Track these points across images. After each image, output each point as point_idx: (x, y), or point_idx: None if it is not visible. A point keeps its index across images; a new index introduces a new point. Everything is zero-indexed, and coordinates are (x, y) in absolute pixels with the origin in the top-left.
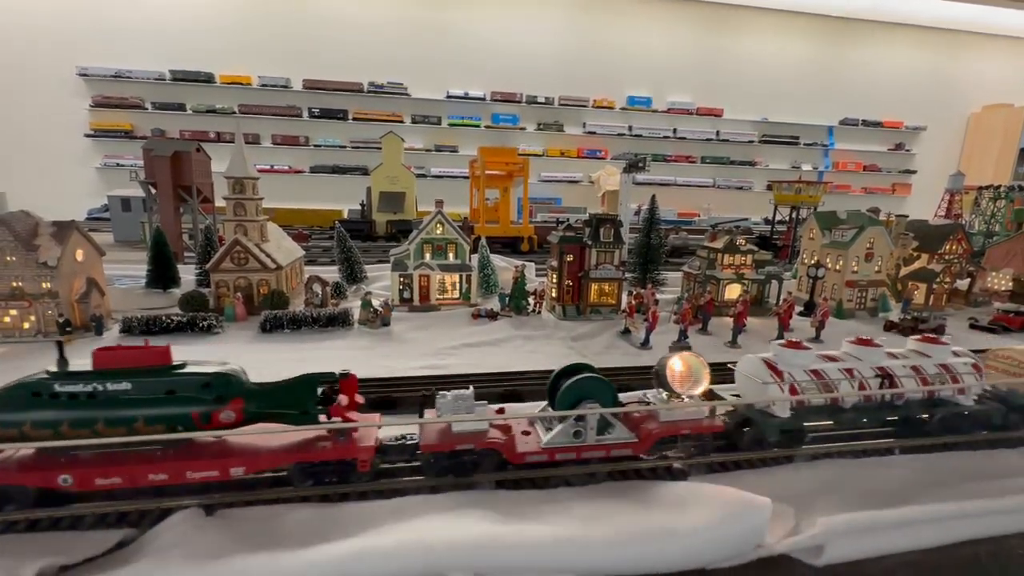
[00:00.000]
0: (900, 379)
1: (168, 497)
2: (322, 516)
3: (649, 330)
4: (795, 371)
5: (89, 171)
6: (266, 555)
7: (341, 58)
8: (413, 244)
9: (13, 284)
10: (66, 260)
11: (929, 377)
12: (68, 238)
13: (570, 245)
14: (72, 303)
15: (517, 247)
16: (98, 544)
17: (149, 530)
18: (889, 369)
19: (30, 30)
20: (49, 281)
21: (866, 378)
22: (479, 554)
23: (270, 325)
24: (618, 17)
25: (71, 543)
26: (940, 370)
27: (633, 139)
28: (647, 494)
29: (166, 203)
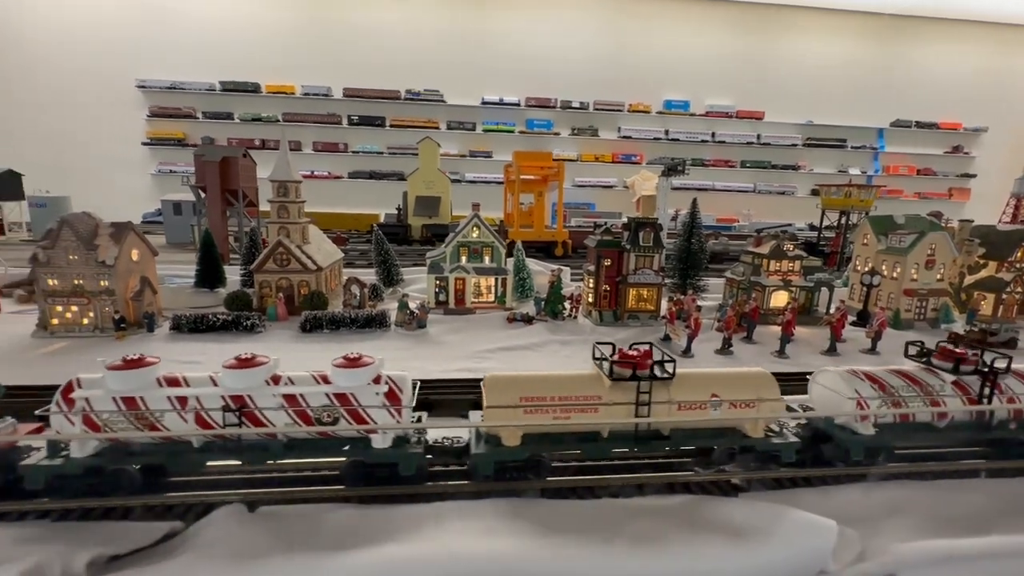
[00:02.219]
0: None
1: (213, 492)
2: (362, 517)
3: (691, 337)
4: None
5: (145, 177)
6: (306, 556)
7: (380, 67)
8: (449, 247)
9: (75, 281)
10: (123, 259)
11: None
12: (125, 238)
13: (608, 249)
14: (127, 301)
15: (551, 252)
16: (146, 535)
17: (194, 524)
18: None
19: (94, 47)
20: (107, 279)
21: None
22: (519, 569)
23: (310, 325)
24: (655, 21)
25: (121, 533)
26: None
27: (670, 143)
28: (700, 510)
29: (214, 206)
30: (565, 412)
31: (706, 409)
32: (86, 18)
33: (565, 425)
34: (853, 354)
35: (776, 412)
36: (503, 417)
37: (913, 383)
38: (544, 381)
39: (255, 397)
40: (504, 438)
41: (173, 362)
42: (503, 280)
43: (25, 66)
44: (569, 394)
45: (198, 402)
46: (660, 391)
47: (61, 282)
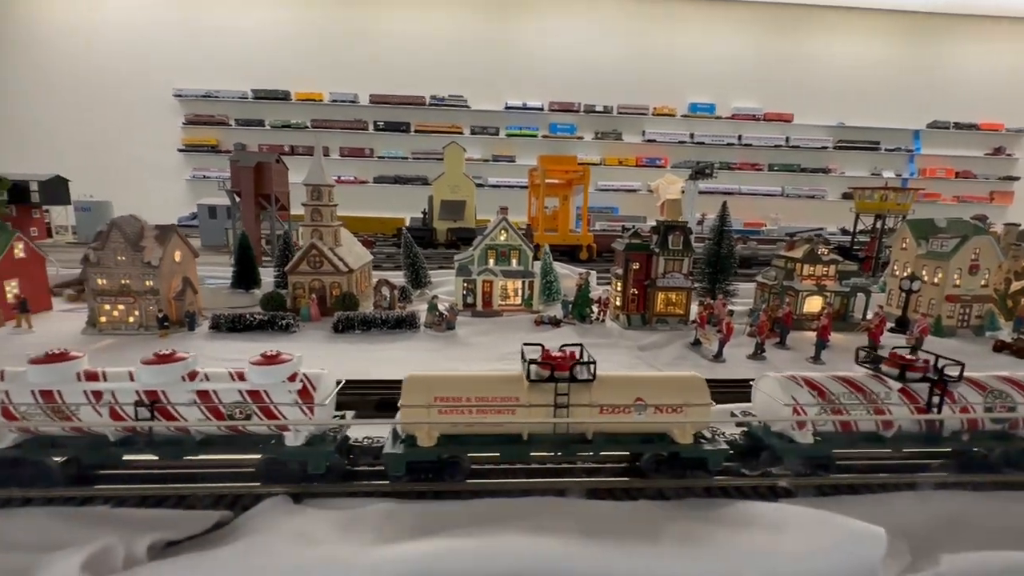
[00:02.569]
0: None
1: (260, 483)
2: (403, 511)
3: (723, 342)
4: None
5: (180, 182)
6: (352, 546)
7: (405, 73)
8: (477, 250)
9: (122, 281)
10: (166, 260)
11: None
12: (168, 240)
13: (636, 253)
14: (170, 300)
15: (576, 255)
16: (199, 523)
17: (243, 513)
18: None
19: (135, 59)
20: (152, 279)
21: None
22: (564, 567)
23: (342, 325)
24: (679, 23)
25: (176, 520)
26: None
27: (695, 147)
28: (743, 514)
29: (248, 210)
30: (482, 412)
31: (630, 413)
32: (128, 32)
33: (474, 425)
34: None
35: (705, 418)
36: (418, 416)
37: (856, 390)
38: (461, 381)
39: (169, 393)
40: (419, 438)
41: (213, 359)
42: (530, 283)
43: (71, 78)
44: (486, 395)
45: (113, 397)
46: (581, 394)
47: (109, 282)
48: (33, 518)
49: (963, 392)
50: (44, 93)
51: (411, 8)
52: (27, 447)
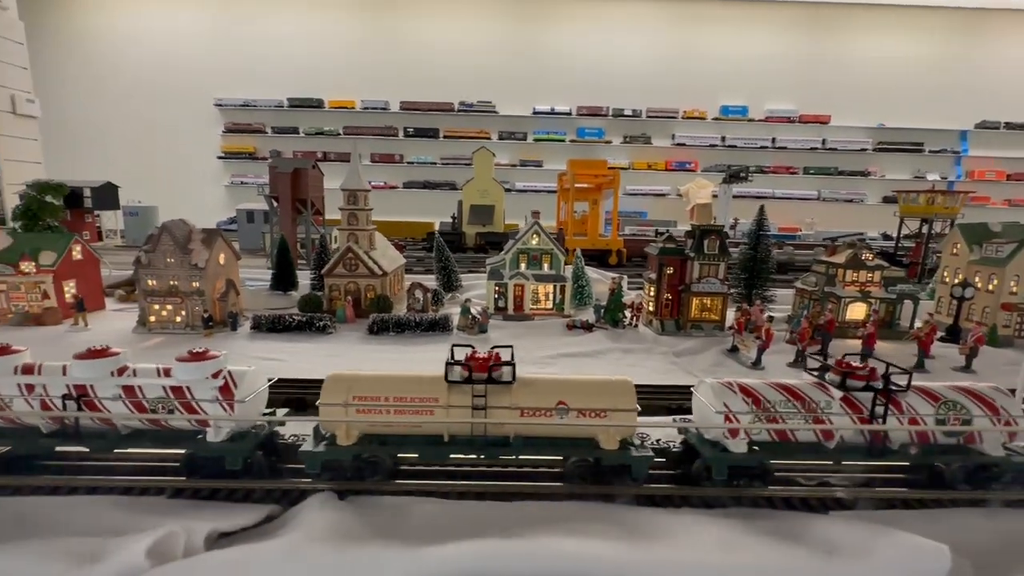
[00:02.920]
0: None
1: (305, 480)
2: (447, 511)
3: (762, 349)
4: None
5: (219, 188)
6: (401, 544)
7: (435, 80)
8: (509, 254)
9: (171, 282)
10: (212, 263)
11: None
12: (214, 243)
13: (670, 257)
14: (214, 301)
15: (605, 260)
16: (250, 516)
17: (290, 508)
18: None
19: (179, 71)
20: (198, 281)
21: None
22: (611, 572)
23: (377, 327)
24: (711, 25)
25: (229, 513)
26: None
27: (726, 150)
28: (790, 526)
29: (285, 214)
30: (401, 413)
31: (552, 416)
32: (173, 46)
33: (393, 425)
34: (944, 371)
35: (631, 423)
36: (337, 415)
37: (795, 398)
38: (381, 381)
39: (97, 387)
40: (338, 437)
41: (255, 359)
42: (562, 287)
43: (121, 90)
44: (405, 395)
45: (44, 390)
46: (500, 396)
47: (159, 282)
48: (98, 505)
49: (912, 402)
50: (97, 103)
51: (441, 17)
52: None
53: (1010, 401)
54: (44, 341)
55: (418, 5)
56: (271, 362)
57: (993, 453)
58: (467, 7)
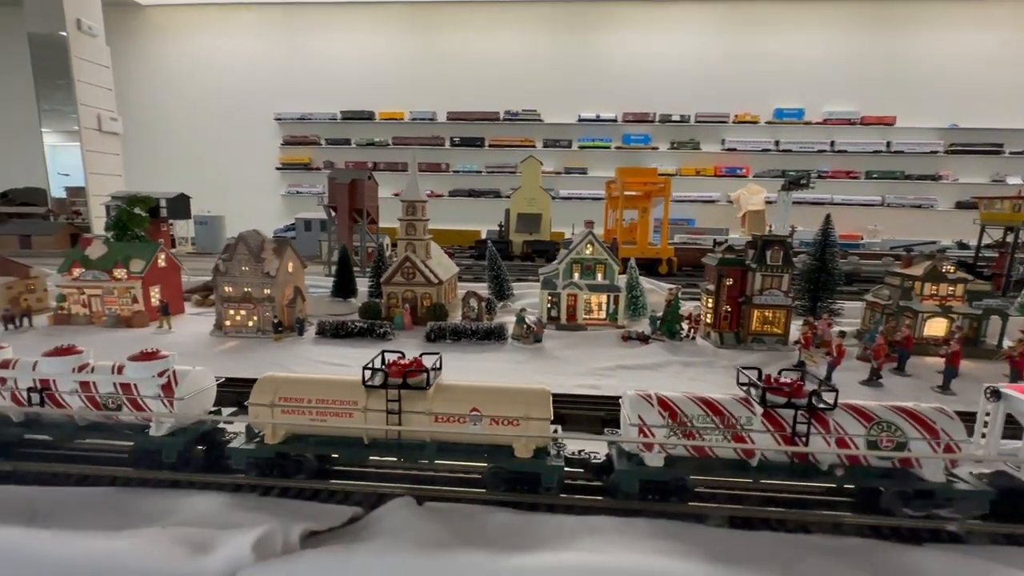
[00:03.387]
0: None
1: (386, 483)
2: (522, 522)
3: (833, 365)
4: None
5: (276, 197)
6: (482, 552)
7: (481, 90)
8: (563, 263)
9: (245, 289)
10: (282, 271)
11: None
12: (284, 252)
13: (730, 268)
14: (283, 307)
15: (655, 269)
16: (336, 517)
17: (372, 511)
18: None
19: (242, 88)
20: (269, 288)
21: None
22: None
23: (435, 335)
24: (763, 26)
25: (315, 513)
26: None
27: (780, 154)
28: (882, 557)
29: (343, 224)
30: (322, 415)
31: (465, 423)
32: (236, 65)
33: (316, 426)
34: None
35: (545, 432)
36: (263, 415)
37: (714, 413)
38: (305, 383)
39: (59, 382)
40: (266, 436)
41: (322, 363)
42: (615, 297)
43: (191, 108)
44: (327, 397)
45: (14, 383)
46: (416, 401)
47: (234, 289)
48: (207, 500)
49: (841, 421)
50: (170, 120)
51: (487, 28)
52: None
53: (953, 425)
54: (133, 342)
55: (465, 19)
56: (336, 367)
57: (932, 479)
58: (512, 19)
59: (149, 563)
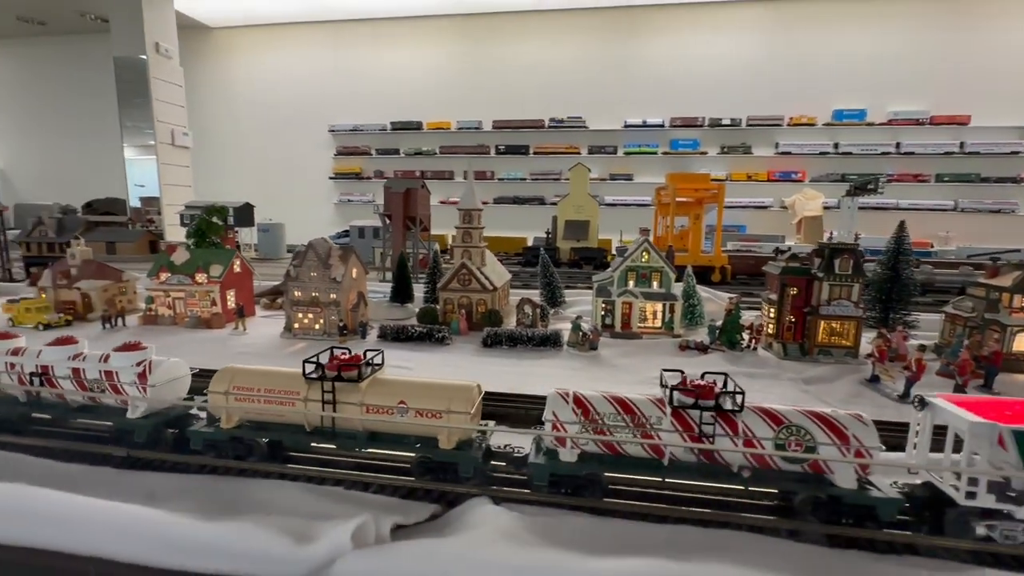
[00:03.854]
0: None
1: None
2: (599, 527)
3: (912, 381)
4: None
5: (330, 205)
6: (560, 552)
7: (526, 98)
8: (617, 271)
9: (312, 293)
10: (347, 277)
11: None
12: (349, 259)
13: (794, 277)
14: (348, 311)
15: (707, 277)
16: (420, 513)
17: (451, 510)
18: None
19: (299, 103)
20: (335, 292)
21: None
22: None
23: (491, 340)
24: (819, 24)
25: (402, 508)
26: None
27: (839, 157)
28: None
29: (397, 231)
30: (269, 403)
31: (393, 414)
32: (294, 81)
33: (263, 413)
34: None
35: (466, 425)
36: (219, 402)
37: (626, 411)
38: (256, 374)
39: (55, 368)
40: (222, 420)
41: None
42: (672, 306)
43: (253, 122)
44: (273, 387)
45: (21, 368)
46: (350, 393)
47: (303, 293)
48: (293, 491)
49: (750, 423)
50: (233, 133)
51: (532, 38)
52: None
53: (866, 431)
54: (212, 342)
55: (510, 30)
56: (401, 369)
57: (843, 485)
58: (557, 27)
59: (257, 546)
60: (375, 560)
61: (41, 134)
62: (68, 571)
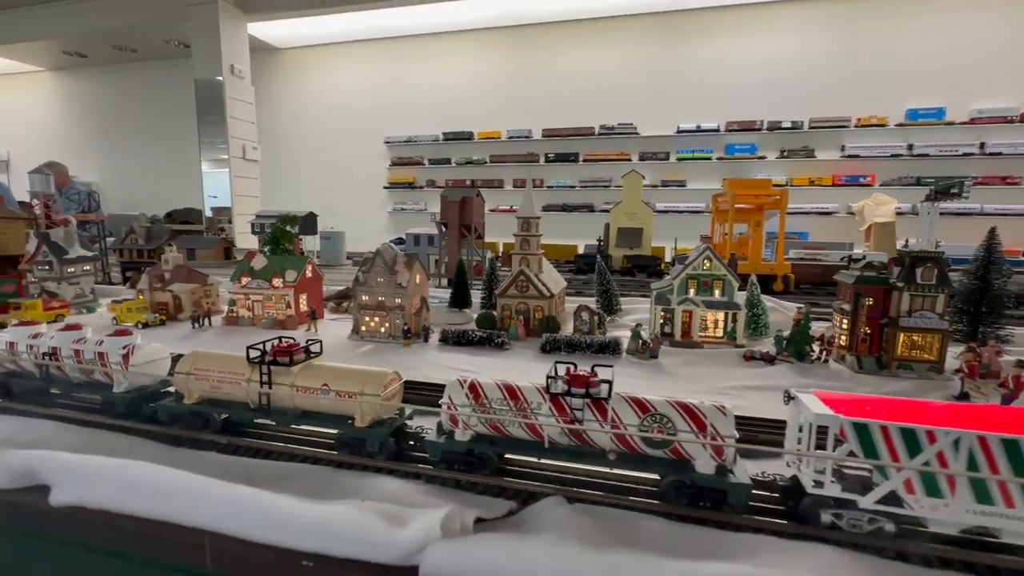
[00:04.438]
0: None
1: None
2: (675, 533)
3: (1008, 399)
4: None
5: (384, 214)
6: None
7: (576, 106)
8: (677, 279)
9: (379, 298)
10: (411, 282)
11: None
12: (413, 265)
13: (870, 286)
14: (411, 316)
15: (769, 286)
16: (497, 508)
17: (526, 507)
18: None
19: (357, 117)
20: (400, 297)
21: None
22: None
23: (550, 346)
24: (889, 20)
25: (482, 503)
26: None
27: (914, 159)
28: None
29: (453, 239)
30: (221, 383)
31: (317, 395)
32: (352, 96)
33: (218, 392)
34: None
35: (376, 406)
36: (183, 381)
37: (511, 397)
38: (212, 358)
39: (62, 349)
40: (185, 397)
41: (451, 368)
42: (734, 315)
43: (315, 135)
44: (225, 369)
45: (36, 349)
46: (284, 376)
47: (370, 298)
48: (376, 481)
49: (619, 410)
50: (297, 146)
51: (581, 46)
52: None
53: (723, 420)
54: None
55: (560, 38)
56: (460, 371)
57: (702, 471)
58: (607, 34)
59: (355, 528)
60: (463, 549)
61: (130, 151)
62: (186, 541)
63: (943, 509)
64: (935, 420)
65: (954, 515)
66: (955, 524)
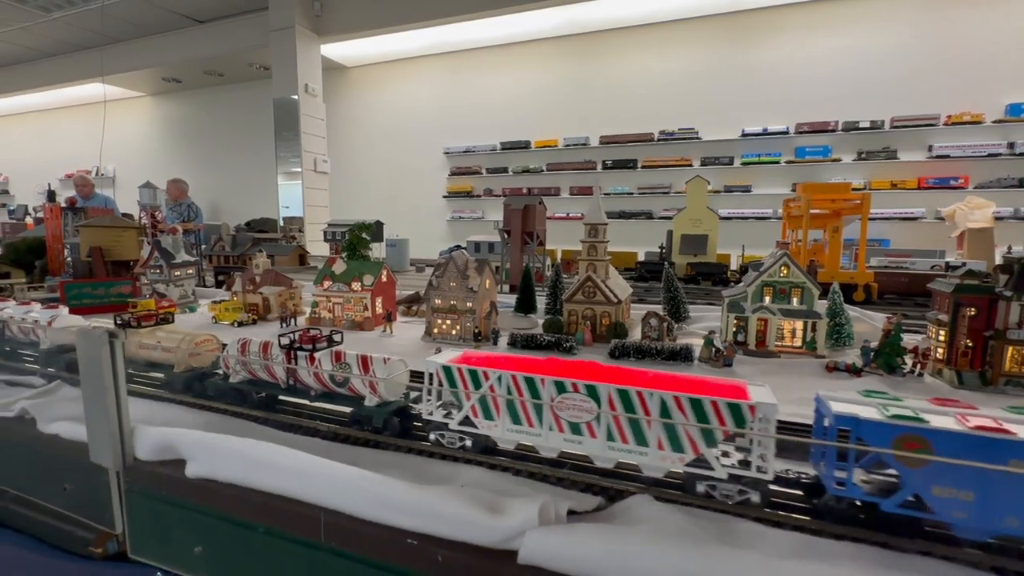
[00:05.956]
0: None
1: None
2: (761, 537)
3: None
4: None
5: (443, 222)
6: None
7: (635, 112)
8: (752, 286)
9: (451, 302)
10: (482, 287)
11: None
12: (483, 271)
13: (972, 296)
14: (482, 319)
15: (849, 296)
16: (588, 503)
17: (614, 504)
18: None
19: (418, 128)
20: (471, 301)
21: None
22: None
23: (618, 352)
24: (981, 8)
25: (573, 497)
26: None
27: (1014, 159)
28: None
29: (515, 246)
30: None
31: (151, 351)
32: (414, 109)
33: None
34: None
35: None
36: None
37: (263, 352)
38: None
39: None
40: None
41: None
42: (814, 324)
43: (379, 147)
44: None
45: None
46: (132, 335)
47: (443, 301)
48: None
49: (323, 359)
50: (362, 158)
51: (639, 52)
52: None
53: (383, 366)
54: (367, 342)
55: (618, 44)
56: None
57: (368, 405)
58: (667, 38)
59: (459, 511)
60: (560, 537)
61: (214, 166)
62: (304, 515)
63: (494, 428)
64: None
65: (552, 443)
66: (554, 449)
